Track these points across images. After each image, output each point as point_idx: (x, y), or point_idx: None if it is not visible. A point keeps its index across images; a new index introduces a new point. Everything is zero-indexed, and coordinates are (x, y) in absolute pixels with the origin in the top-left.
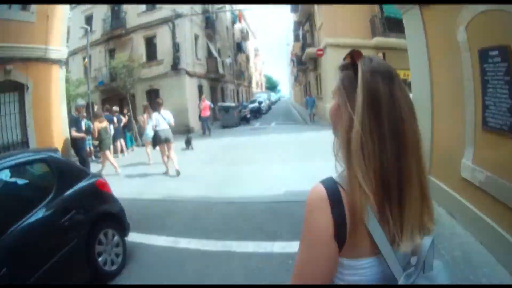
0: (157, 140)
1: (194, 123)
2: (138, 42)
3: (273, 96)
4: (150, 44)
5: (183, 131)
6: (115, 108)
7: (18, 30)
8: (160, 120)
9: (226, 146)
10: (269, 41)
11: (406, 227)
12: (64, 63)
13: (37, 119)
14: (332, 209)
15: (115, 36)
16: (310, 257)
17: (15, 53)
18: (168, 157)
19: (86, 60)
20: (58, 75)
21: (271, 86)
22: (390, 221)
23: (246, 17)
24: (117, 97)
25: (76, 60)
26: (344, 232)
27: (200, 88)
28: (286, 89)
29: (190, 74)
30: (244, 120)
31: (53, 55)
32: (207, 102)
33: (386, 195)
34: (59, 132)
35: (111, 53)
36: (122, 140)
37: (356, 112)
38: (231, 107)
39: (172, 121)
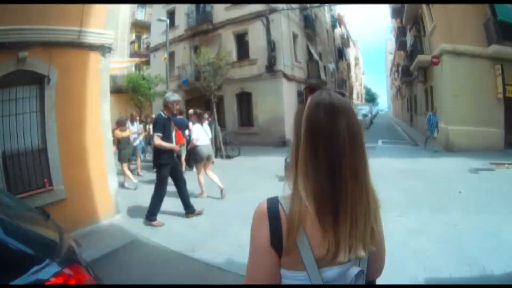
0: (198, 157)
1: (291, 134)
2: (227, 39)
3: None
4: (241, 41)
5: (278, 143)
6: (192, 111)
7: (41, 9)
8: (202, 134)
9: None
10: (364, 50)
11: (343, 244)
12: (110, 50)
13: (62, 120)
14: (270, 224)
15: (201, 31)
16: (254, 262)
17: (34, 36)
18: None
19: (166, 55)
20: (98, 65)
21: (370, 98)
22: (329, 238)
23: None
24: (203, 99)
25: (158, 57)
26: (280, 243)
27: (299, 94)
28: (383, 102)
29: (288, 78)
30: None
31: (90, 39)
32: None
33: (324, 215)
34: (97, 139)
35: (197, 50)
36: None
37: (301, 140)
38: None
39: (210, 135)
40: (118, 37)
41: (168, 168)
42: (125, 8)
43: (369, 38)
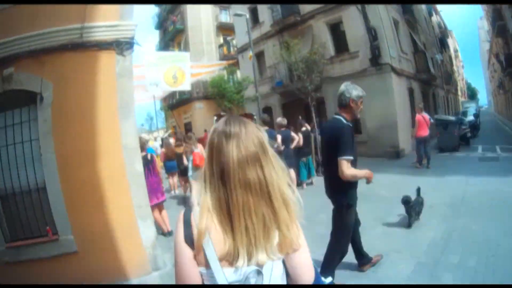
0: None
1: (405, 142)
2: (320, 31)
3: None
4: (336, 31)
5: (391, 154)
6: (280, 120)
7: (27, 12)
8: None
9: (467, 207)
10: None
11: (241, 250)
12: (131, 45)
13: (64, 150)
14: (184, 226)
15: (289, 25)
16: (175, 256)
17: (21, 46)
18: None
19: (251, 53)
20: (113, 68)
21: (471, 94)
22: (228, 242)
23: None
24: (301, 103)
25: (246, 58)
26: (191, 242)
27: (410, 92)
28: (482, 98)
29: (397, 72)
30: (463, 140)
31: (99, 34)
32: (425, 115)
33: (222, 223)
34: (118, 172)
35: (288, 46)
36: (292, 171)
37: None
38: (450, 121)
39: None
40: (204, 40)
41: (355, 208)
42: (207, 10)
43: (458, 25)
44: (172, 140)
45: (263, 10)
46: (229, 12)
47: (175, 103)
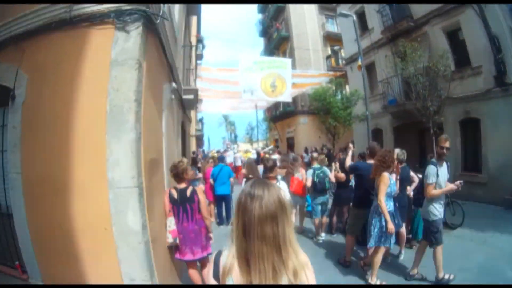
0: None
1: None
2: (437, 38)
3: None
4: (455, 40)
5: (508, 203)
6: (400, 154)
7: None
8: None
9: None
10: None
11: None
12: (140, 16)
13: (32, 172)
14: (213, 266)
15: (401, 31)
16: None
17: (5, 33)
18: None
19: (359, 62)
20: (107, 50)
21: None
22: (243, 281)
23: None
24: (416, 127)
25: (356, 69)
26: (217, 278)
27: None
28: None
29: None
30: None
31: (92, 6)
32: None
33: (242, 267)
34: (102, 221)
35: (403, 56)
36: (402, 229)
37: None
38: None
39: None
40: (310, 47)
41: None
42: (312, 17)
43: None
44: (275, 157)
45: (372, 15)
46: (335, 21)
47: (279, 115)
